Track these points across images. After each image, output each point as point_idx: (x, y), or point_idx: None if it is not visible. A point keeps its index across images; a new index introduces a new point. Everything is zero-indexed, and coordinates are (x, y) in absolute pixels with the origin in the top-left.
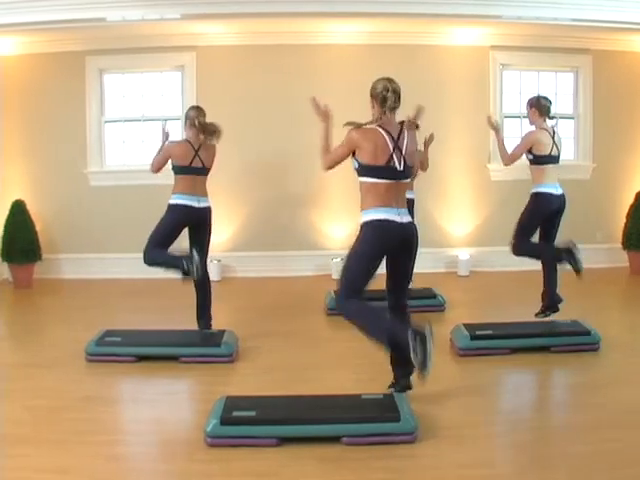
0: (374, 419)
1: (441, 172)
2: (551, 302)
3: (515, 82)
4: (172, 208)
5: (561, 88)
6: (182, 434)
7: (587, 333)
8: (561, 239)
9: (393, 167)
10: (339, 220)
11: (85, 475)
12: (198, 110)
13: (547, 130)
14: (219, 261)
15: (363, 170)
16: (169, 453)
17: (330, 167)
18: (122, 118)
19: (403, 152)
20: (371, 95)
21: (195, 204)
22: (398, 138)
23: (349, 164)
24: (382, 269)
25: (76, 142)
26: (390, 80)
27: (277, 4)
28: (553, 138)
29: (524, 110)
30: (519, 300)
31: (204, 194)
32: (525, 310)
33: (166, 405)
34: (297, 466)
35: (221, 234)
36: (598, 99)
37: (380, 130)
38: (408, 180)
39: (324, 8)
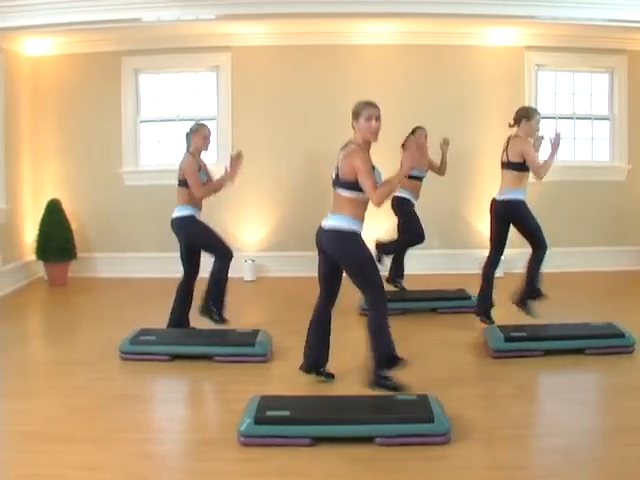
0: (407, 420)
1: (475, 173)
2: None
3: (550, 83)
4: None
5: (596, 89)
6: (215, 433)
7: (622, 335)
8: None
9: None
10: (373, 220)
11: (119, 472)
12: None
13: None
14: (253, 261)
15: None
16: (202, 452)
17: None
18: (157, 118)
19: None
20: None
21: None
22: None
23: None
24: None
25: (111, 142)
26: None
27: (311, 5)
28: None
29: (559, 111)
30: (553, 301)
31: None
32: (559, 312)
33: (200, 404)
34: (330, 466)
35: (255, 234)
36: (634, 100)
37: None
38: (338, 189)
39: (358, 8)
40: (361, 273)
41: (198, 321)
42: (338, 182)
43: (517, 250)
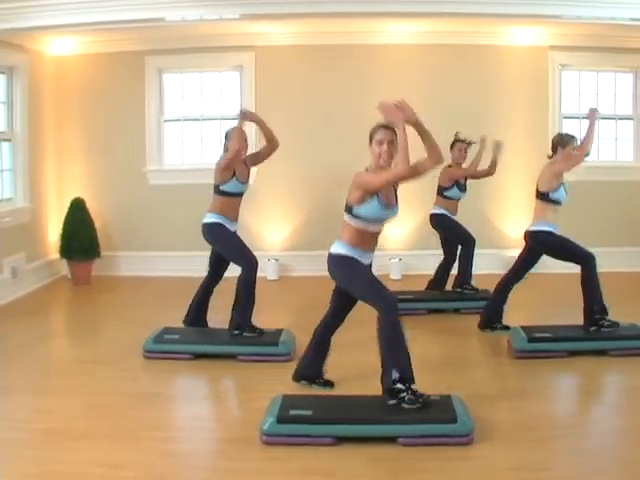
0: (430, 420)
1: (500, 173)
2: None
3: (574, 82)
4: None
5: (620, 88)
6: (238, 432)
7: None
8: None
9: None
10: (398, 221)
11: (142, 470)
12: None
13: None
14: (277, 260)
15: None
16: (225, 450)
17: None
18: (181, 117)
19: None
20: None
21: None
22: None
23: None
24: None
25: (135, 141)
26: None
27: (334, 4)
28: None
29: (583, 110)
30: (578, 303)
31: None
32: (583, 312)
33: (222, 403)
34: (352, 465)
35: (279, 233)
36: None
37: None
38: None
39: (382, 8)
40: (355, 288)
41: (224, 321)
42: (345, 207)
43: None
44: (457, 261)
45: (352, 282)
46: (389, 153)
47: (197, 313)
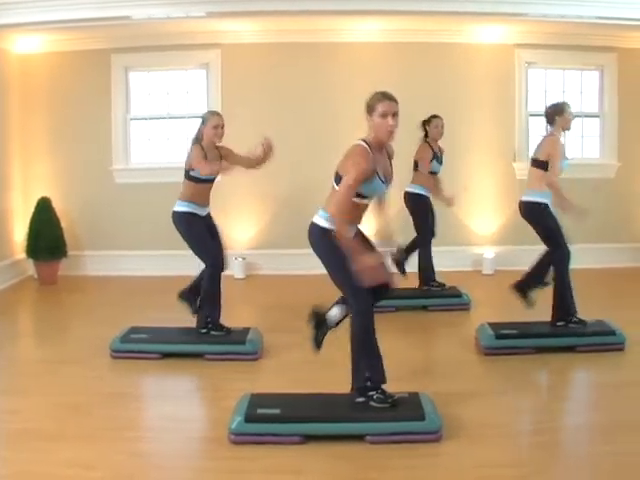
0: (398, 418)
1: (466, 171)
2: None
3: (540, 80)
4: None
5: (586, 86)
6: (206, 431)
7: (612, 333)
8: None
9: None
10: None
11: (110, 471)
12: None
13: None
14: (244, 259)
15: None
16: (193, 450)
17: None
18: (147, 116)
19: None
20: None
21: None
22: None
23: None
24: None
25: (101, 140)
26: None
27: (300, 2)
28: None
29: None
30: (544, 299)
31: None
32: (550, 309)
33: (190, 402)
34: (321, 464)
35: (245, 232)
36: (623, 97)
37: None
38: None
39: (347, 6)
40: (334, 272)
41: (191, 320)
42: (335, 176)
43: (509, 247)
44: (418, 259)
45: (332, 265)
46: (394, 126)
47: (193, 289)
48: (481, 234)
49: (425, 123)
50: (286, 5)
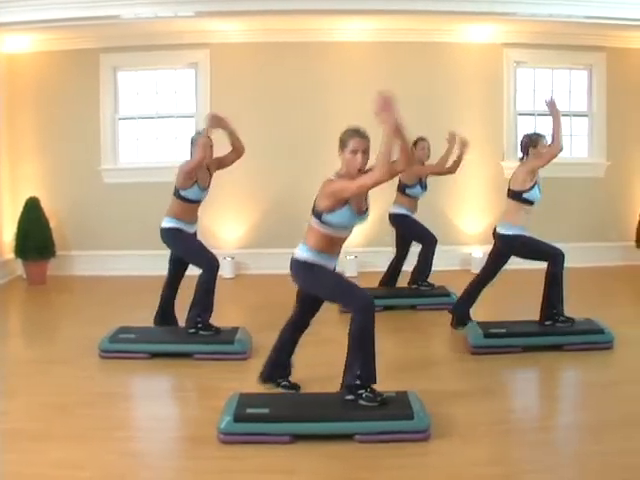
0: (387, 417)
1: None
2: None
3: (529, 80)
4: None
5: (575, 86)
6: (196, 431)
7: (600, 331)
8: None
9: None
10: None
11: (99, 471)
12: None
13: None
14: (232, 258)
15: None
16: (182, 450)
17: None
18: (136, 115)
19: None
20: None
21: None
22: None
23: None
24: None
25: (90, 139)
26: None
27: (290, 1)
28: None
29: (538, 108)
30: (533, 298)
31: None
32: (539, 308)
33: (179, 402)
34: (310, 463)
35: (234, 231)
36: (612, 97)
37: None
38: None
39: (337, 5)
40: (325, 297)
41: (180, 320)
42: (312, 210)
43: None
44: (417, 258)
45: (318, 287)
46: (364, 163)
47: (164, 312)
48: (469, 233)
49: (414, 144)
50: (275, 5)
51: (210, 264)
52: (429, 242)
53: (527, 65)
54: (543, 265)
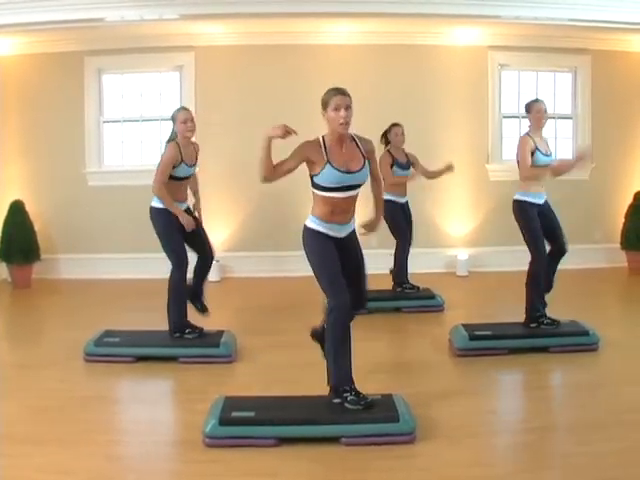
0: (373, 420)
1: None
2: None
3: (514, 82)
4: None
5: (559, 88)
6: (181, 434)
7: (586, 333)
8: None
9: None
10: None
11: (85, 475)
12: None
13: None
14: (218, 261)
15: None
16: (168, 453)
17: None
18: (121, 118)
19: None
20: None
21: None
22: None
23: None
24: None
25: (74, 142)
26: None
27: (275, 4)
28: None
29: (523, 110)
30: (518, 300)
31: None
32: (523, 310)
33: (165, 405)
34: (296, 466)
35: (219, 234)
36: (596, 99)
37: None
38: None
39: (322, 8)
40: (314, 272)
41: (165, 323)
42: None
43: (483, 249)
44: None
45: (311, 261)
46: (348, 118)
47: (194, 291)
48: (455, 235)
49: (386, 133)
50: (260, 8)
51: (178, 260)
52: (403, 242)
53: (512, 68)
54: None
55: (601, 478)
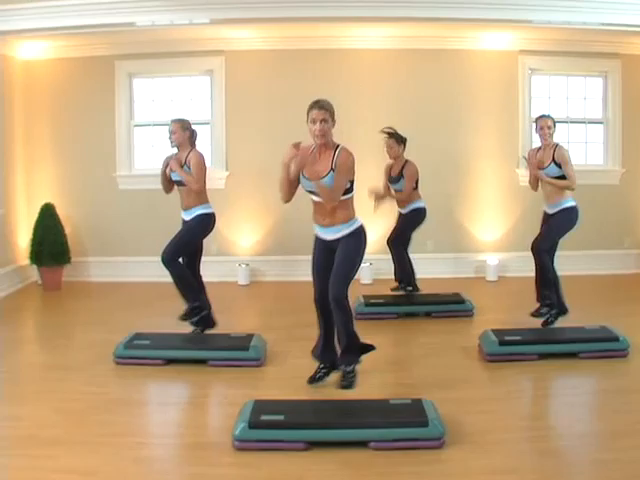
0: (402, 424)
1: (470, 177)
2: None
3: (544, 87)
4: (206, 218)
5: (590, 93)
6: (210, 437)
7: (616, 339)
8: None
9: None
10: (372, 224)
11: (112, 477)
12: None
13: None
14: (247, 265)
15: (352, 186)
16: (197, 456)
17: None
18: (151, 122)
19: None
20: (332, 115)
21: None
22: None
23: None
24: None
25: (105, 146)
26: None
27: (305, 9)
28: None
29: (553, 115)
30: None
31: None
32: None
33: (194, 408)
34: (324, 470)
35: (249, 238)
36: (627, 103)
37: None
38: None
39: (351, 13)
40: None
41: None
42: None
43: (513, 254)
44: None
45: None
46: (322, 131)
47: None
48: (484, 240)
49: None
50: (290, 12)
51: (180, 256)
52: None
53: (542, 72)
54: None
55: None
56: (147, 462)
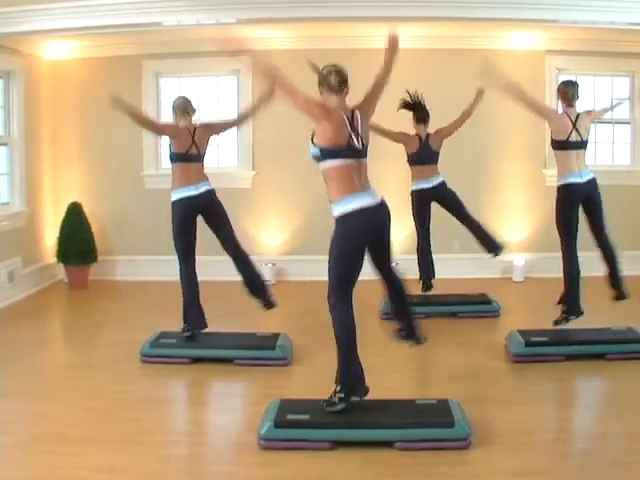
0: (428, 424)
1: (496, 177)
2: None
3: None
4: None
5: (617, 92)
6: (236, 436)
7: None
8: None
9: (353, 146)
10: (400, 223)
11: (139, 475)
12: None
13: (568, 115)
14: (273, 264)
15: (325, 154)
16: (222, 455)
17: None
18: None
19: (360, 133)
20: (319, 83)
21: (194, 192)
22: (352, 119)
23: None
24: None
25: (132, 145)
26: (334, 65)
27: (332, 9)
28: (574, 124)
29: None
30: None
31: (202, 180)
32: (581, 316)
33: (220, 407)
34: (349, 470)
35: (275, 237)
36: None
37: (338, 110)
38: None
39: (379, 13)
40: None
41: (221, 325)
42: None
43: (539, 254)
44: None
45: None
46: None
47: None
48: (511, 241)
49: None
50: (318, 12)
51: (180, 255)
52: (422, 234)
53: (569, 72)
54: (584, 273)
55: None
56: (173, 460)
